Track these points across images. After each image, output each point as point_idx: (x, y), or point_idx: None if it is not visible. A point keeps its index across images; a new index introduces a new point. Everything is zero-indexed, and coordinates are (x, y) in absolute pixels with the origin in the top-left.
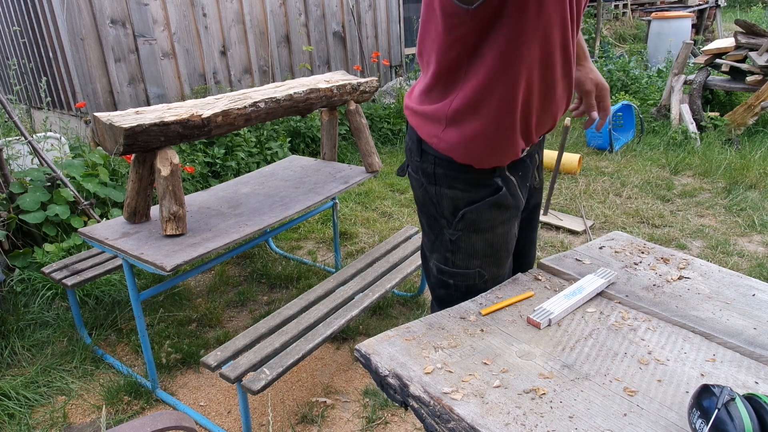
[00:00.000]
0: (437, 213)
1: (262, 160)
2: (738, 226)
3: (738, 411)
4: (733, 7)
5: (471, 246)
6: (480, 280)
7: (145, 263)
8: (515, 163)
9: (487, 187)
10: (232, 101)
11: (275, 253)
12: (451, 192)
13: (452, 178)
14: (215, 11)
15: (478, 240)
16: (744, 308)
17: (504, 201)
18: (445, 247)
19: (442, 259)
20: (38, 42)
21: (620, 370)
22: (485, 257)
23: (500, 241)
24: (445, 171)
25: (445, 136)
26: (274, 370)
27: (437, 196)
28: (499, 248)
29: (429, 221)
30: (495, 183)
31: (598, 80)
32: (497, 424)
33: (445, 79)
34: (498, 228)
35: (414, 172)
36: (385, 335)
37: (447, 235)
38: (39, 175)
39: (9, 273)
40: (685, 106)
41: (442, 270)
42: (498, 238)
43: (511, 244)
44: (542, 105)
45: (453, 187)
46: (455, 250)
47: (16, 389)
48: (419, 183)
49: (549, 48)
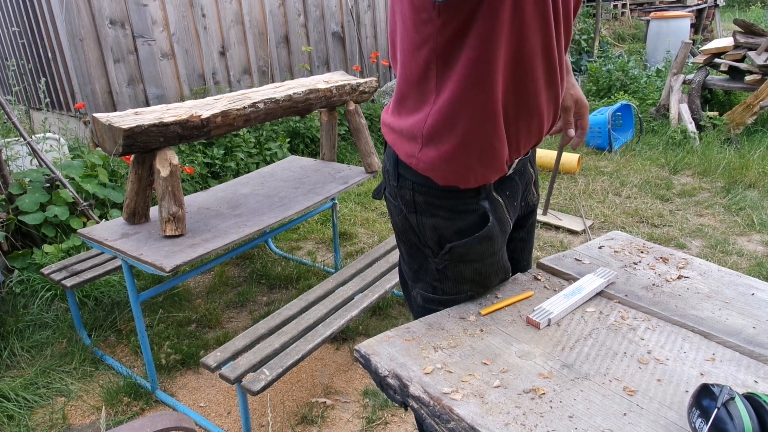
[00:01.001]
0: (420, 242)
1: (261, 160)
2: (737, 225)
3: (737, 410)
4: (731, 7)
5: (459, 274)
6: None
7: (144, 264)
8: (502, 182)
9: (472, 213)
10: (232, 102)
11: (275, 253)
12: (434, 221)
13: (434, 206)
14: (214, 12)
15: (467, 269)
16: (743, 307)
17: (493, 232)
18: (432, 276)
19: (430, 288)
20: (37, 43)
21: (620, 370)
22: (474, 282)
23: (490, 269)
24: (425, 198)
25: (423, 156)
26: (273, 370)
27: (419, 226)
28: (489, 274)
29: (410, 250)
30: (481, 207)
31: (578, 96)
32: (497, 424)
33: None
34: (488, 258)
35: (392, 197)
36: (384, 335)
37: (433, 265)
38: (38, 176)
39: (8, 274)
40: (684, 105)
41: (430, 299)
42: (488, 267)
43: (502, 267)
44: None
45: (435, 215)
46: (443, 278)
47: (16, 390)
48: (398, 209)
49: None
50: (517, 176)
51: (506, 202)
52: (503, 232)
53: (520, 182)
